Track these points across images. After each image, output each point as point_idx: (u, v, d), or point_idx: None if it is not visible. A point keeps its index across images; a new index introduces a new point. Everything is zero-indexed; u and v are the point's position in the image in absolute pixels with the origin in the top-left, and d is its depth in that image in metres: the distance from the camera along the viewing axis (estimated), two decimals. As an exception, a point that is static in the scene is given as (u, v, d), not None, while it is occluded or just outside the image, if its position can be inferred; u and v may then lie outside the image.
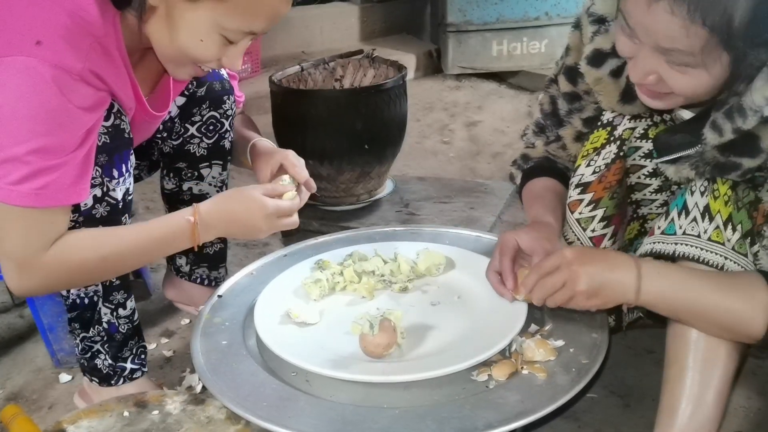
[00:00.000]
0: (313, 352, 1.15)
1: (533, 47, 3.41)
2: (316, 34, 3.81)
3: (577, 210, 1.21)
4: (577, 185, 1.20)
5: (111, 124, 1.13)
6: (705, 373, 1.04)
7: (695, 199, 1.05)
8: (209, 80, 1.43)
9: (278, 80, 1.87)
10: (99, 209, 1.15)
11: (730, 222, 1.03)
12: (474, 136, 2.88)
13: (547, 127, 1.33)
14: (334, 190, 1.86)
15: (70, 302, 1.25)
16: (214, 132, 1.46)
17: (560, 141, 1.32)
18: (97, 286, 1.24)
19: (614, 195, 1.20)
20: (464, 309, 1.26)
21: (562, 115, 1.29)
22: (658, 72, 0.97)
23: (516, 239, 1.20)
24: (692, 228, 1.04)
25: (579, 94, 1.24)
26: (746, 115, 0.95)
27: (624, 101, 1.15)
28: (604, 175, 1.18)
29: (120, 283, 1.25)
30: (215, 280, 1.62)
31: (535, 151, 1.37)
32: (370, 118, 1.77)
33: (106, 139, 1.12)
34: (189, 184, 1.52)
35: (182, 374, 1.46)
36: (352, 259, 1.39)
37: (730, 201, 1.03)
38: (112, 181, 1.15)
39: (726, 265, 1.02)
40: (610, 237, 1.23)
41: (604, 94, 1.16)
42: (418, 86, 3.49)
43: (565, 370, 1.08)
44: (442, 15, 3.45)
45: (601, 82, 1.14)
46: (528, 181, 1.37)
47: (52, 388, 1.47)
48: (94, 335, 1.28)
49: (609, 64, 1.13)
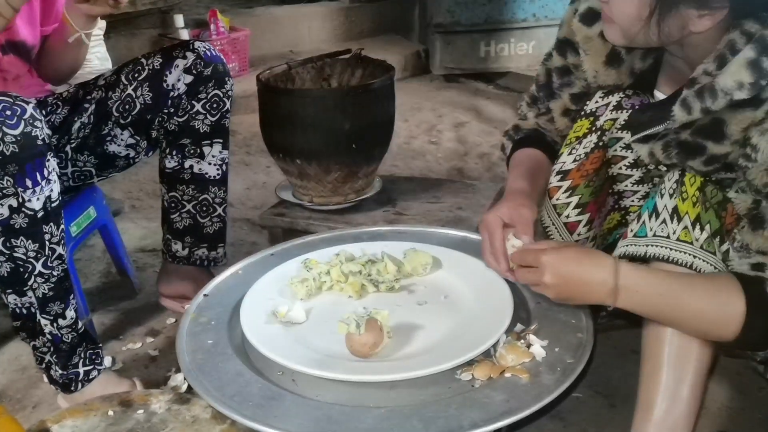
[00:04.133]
0: (300, 351, 1.15)
1: (521, 48, 3.43)
2: (304, 33, 3.81)
3: (555, 196, 1.24)
4: (558, 172, 1.23)
5: (20, 132, 1.13)
6: (679, 369, 1.06)
7: (664, 202, 1.07)
8: (214, 61, 1.49)
9: (265, 79, 1.86)
10: (17, 220, 1.17)
11: (698, 222, 1.05)
12: (461, 136, 2.89)
13: (539, 99, 1.37)
14: (322, 190, 1.86)
15: (11, 311, 1.27)
16: (217, 110, 1.52)
17: (550, 113, 1.35)
18: (31, 297, 1.24)
19: (590, 183, 1.22)
20: (451, 309, 1.27)
21: (555, 87, 1.32)
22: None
23: (499, 216, 1.22)
24: (662, 229, 1.06)
25: (569, 67, 1.28)
26: (717, 96, 0.98)
27: (609, 64, 1.18)
28: (582, 163, 1.20)
29: (54, 294, 1.26)
30: (214, 261, 1.65)
31: (527, 123, 1.40)
32: (357, 118, 1.77)
33: (14, 148, 1.13)
34: (191, 162, 1.55)
35: (168, 374, 1.45)
36: (339, 259, 1.39)
37: (698, 202, 1.05)
38: (26, 191, 1.16)
39: (695, 263, 1.04)
40: (585, 224, 1.25)
41: (591, 54, 1.19)
42: (406, 86, 3.50)
43: (551, 369, 1.08)
44: (431, 15, 3.45)
45: (591, 41, 1.18)
46: (516, 150, 1.39)
47: (37, 387, 1.46)
48: (41, 346, 1.30)
49: (600, 25, 1.16)
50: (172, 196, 1.59)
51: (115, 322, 1.69)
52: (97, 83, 1.53)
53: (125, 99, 1.49)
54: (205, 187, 1.58)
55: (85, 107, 1.50)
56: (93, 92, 1.51)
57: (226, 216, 1.64)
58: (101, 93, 1.51)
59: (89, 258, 1.99)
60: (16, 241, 1.19)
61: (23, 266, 1.21)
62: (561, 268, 1.07)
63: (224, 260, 1.66)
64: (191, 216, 1.60)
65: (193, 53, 1.49)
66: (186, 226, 1.61)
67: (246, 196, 2.39)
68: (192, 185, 1.57)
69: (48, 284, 1.24)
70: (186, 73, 1.48)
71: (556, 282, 1.07)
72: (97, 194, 1.69)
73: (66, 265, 1.27)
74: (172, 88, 1.48)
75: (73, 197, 1.59)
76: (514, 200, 1.24)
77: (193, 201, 1.59)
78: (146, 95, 1.48)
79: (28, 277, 1.22)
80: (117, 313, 1.72)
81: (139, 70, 1.49)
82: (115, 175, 1.62)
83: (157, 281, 1.70)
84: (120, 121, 1.50)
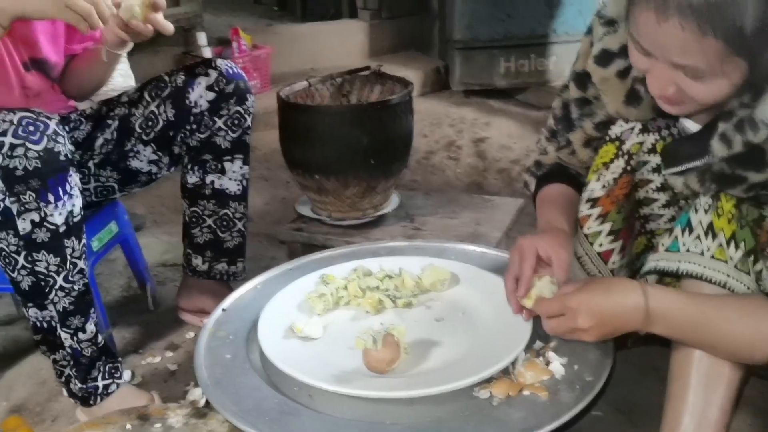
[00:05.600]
0: (316, 366, 1.15)
1: (540, 64, 3.42)
2: (324, 50, 3.84)
3: (586, 224, 1.21)
4: (587, 200, 1.21)
5: (43, 147, 1.15)
6: (709, 390, 1.04)
7: (699, 217, 1.05)
8: (236, 78, 1.52)
9: (286, 96, 1.88)
10: (39, 234, 1.19)
11: (734, 239, 1.02)
12: (481, 152, 2.88)
13: (558, 132, 1.34)
14: (340, 205, 1.86)
15: (32, 324, 1.28)
16: (238, 127, 1.54)
17: (570, 146, 1.32)
18: (52, 311, 1.26)
19: (621, 209, 1.20)
20: (469, 325, 1.26)
21: (574, 118, 1.29)
22: (676, 83, 0.98)
23: (535, 246, 1.20)
24: (696, 245, 1.04)
25: (589, 99, 1.25)
26: (758, 129, 0.95)
27: (628, 103, 1.15)
28: (611, 189, 1.18)
29: (75, 308, 1.27)
30: (233, 275, 1.66)
31: (548, 158, 1.38)
32: (376, 134, 1.78)
33: (37, 163, 1.14)
34: (212, 177, 1.57)
35: (186, 388, 1.46)
36: (357, 274, 1.39)
37: (733, 219, 1.03)
38: (49, 205, 1.18)
39: (728, 283, 1.02)
40: (619, 251, 1.22)
41: (610, 95, 1.16)
42: (426, 102, 3.50)
43: (570, 387, 1.07)
44: (450, 32, 3.47)
45: (607, 82, 1.15)
46: (541, 187, 1.37)
47: (56, 400, 1.48)
48: (61, 359, 1.31)
49: (616, 65, 1.13)
50: (193, 211, 1.61)
51: (135, 335, 1.70)
52: (121, 100, 1.55)
53: (148, 115, 1.51)
54: (226, 202, 1.59)
55: (108, 123, 1.52)
56: (116, 109, 1.54)
57: (245, 231, 1.65)
58: (124, 109, 1.53)
59: (110, 272, 2.01)
60: (38, 255, 1.20)
61: (44, 280, 1.23)
62: (591, 305, 1.04)
63: (243, 274, 1.67)
64: (212, 231, 1.62)
65: (215, 71, 1.51)
66: (206, 240, 1.62)
67: (265, 211, 2.41)
68: (213, 200, 1.59)
69: (69, 298, 1.26)
70: (208, 90, 1.50)
71: (591, 323, 1.04)
72: (119, 209, 1.71)
73: (87, 279, 1.29)
74: (195, 104, 1.50)
75: (95, 212, 1.61)
76: (553, 237, 1.22)
77: (213, 216, 1.60)
78: (169, 112, 1.50)
79: (49, 290, 1.24)
80: (137, 327, 1.74)
81: (162, 87, 1.52)
82: (137, 190, 1.64)
83: (177, 295, 1.71)
84: (143, 138, 1.52)
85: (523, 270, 1.20)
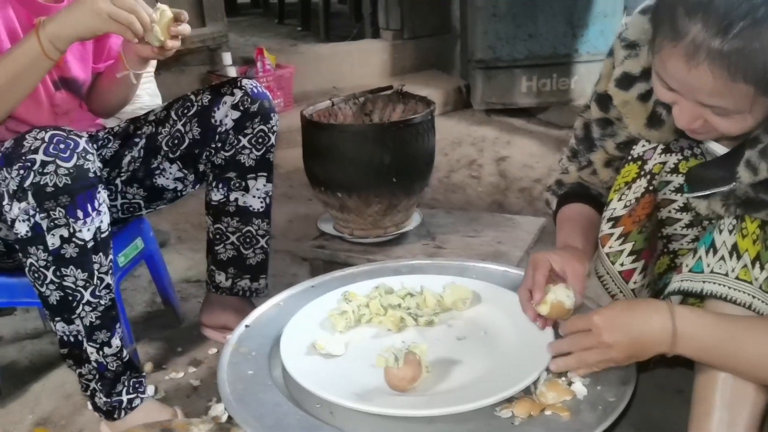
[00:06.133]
0: (338, 383, 1.15)
1: (563, 83, 3.43)
2: (347, 70, 3.88)
3: (608, 244, 1.21)
4: (608, 219, 1.20)
5: (73, 164, 1.18)
6: (733, 412, 1.03)
7: (723, 237, 1.05)
8: (260, 98, 1.54)
9: (309, 114, 1.90)
10: (68, 249, 1.21)
11: (758, 260, 1.02)
12: (503, 170, 2.89)
13: (579, 152, 1.35)
14: (362, 223, 1.87)
15: (59, 338, 1.30)
16: (263, 145, 1.57)
17: (591, 166, 1.33)
18: (79, 326, 1.28)
19: (643, 229, 1.19)
20: (490, 344, 1.26)
21: (595, 138, 1.30)
22: (703, 117, 0.98)
23: (549, 259, 1.21)
24: (720, 266, 1.03)
25: (611, 120, 1.26)
26: None
27: (650, 126, 1.15)
28: (633, 209, 1.18)
29: (101, 323, 1.29)
30: (256, 291, 1.68)
31: (569, 177, 1.39)
32: (398, 152, 1.79)
33: (67, 180, 1.17)
34: (236, 195, 1.60)
35: (208, 403, 1.47)
36: (379, 292, 1.39)
37: (758, 239, 1.02)
38: (77, 222, 1.20)
39: (754, 304, 1.01)
40: (641, 271, 1.22)
41: (631, 118, 1.17)
42: (448, 121, 3.52)
43: (592, 407, 1.07)
44: (472, 52, 3.49)
45: (629, 105, 1.15)
46: (562, 206, 1.38)
47: (81, 414, 1.49)
48: (87, 373, 1.33)
49: (637, 88, 1.14)
50: (217, 228, 1.63)
51: (159, 351, 1.72)
52: (148, 118, 1.58)
53: (174, 134, 1.54)
54: (249, 220, 1.61)
55: (135, 141, 1.55)
56: (143, 127, 1.57)
57: (268, 248, 1.67)
58: (151, 128, 1.56)
59: (135, 288, 2.04)
60: (66, 270, 1.23)
61: (72, 295, 1.25)
62: (617, 322, 1.04)
63: (266, 291, 1.68)
64: (235, 248, 1.63)
65: (240, 90, 1.53)
66: (230, 257, 1.64)
67: (288, 228, 2.43)
68: (236, 217, 1.61)
69: (95, 313, 1.28)
70: (233, 110, 1.53)
71: (616, 338, 1.03)
72: (145, 226, 1.73)
73: (113, 294, 1.31)
74: (220, 123, 1.53)
75: (122, 228, 1.64)
76: (567, 252, 1.23)
77: (237, 233, 1.62)
78: (195, 130, 1.53)
79: (76, 305, 1.26)
80: (160, 343, 1.75)
81: (188, 106, 1.55)
82: (163, 207, 1.66)
83: (200, 312, 1.73)
84: (169, 156, 1.54)
85: (536, 279, 1.20)
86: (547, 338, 1.19)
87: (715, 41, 0.87)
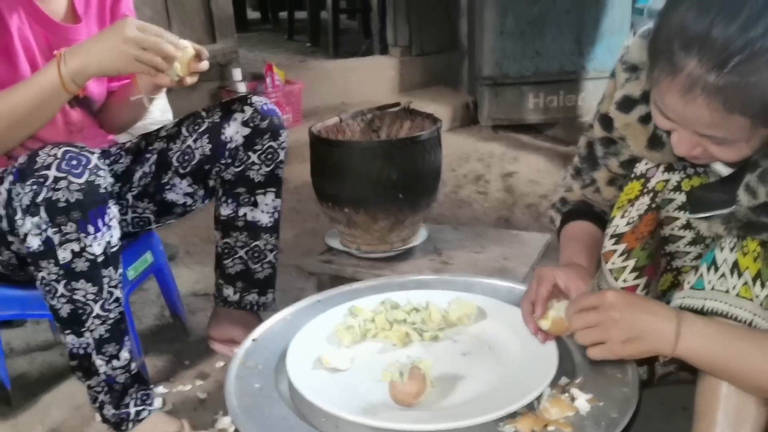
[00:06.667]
0: (344, 398, 1.16)
1: (570, 100, 3.45)
2: (355, 86, 3.91)
3: (611, 260, 1.22)
4: (611, 236, 1.22)
5: (85, 180, 1.20)
6: (736, 429, 1.03)
7: (725, 255, 1.06)
8: (270, 115, 1.56)
9: (317, 131, 1.92)
10: (78, 263, 1.23)
11: (759, 278, 1.02)
12: (509, 186, 2.90)
13: (583, 170, 1.36)
14: (369, 238, 1.89)
15: (68, 351, 1.32)
16: (272, 161, 1.59)
17: (594, 185, 1.34)
18: (88, 338, 1.29)
19: (646, 246, 1.21)
20: (495, 360, 1.27)
21: (599, 157, 1.31)
22: (701, 146, 0.99)
23: (554, 274, 1.22)
24: (721, 284, 1.04)
25: (614, 139, 1.27)
26: None
27: (651, 147, 1.17)
28: (636, 226, 1.19)
29: (110, 336, 1.31)
30: (263, 305, 1.69)
31: (573, 195, 1.40)
32: (404, 168, 1.81)
33: (79, 195, 1.19)
34: (245, 210, 1.62)
35: (215, 416, 1.48)
36: (384, 307, 1.40)
37: (759, 257, 1.03)
38: (88, 236, 1.22)
39: (755, 321, 1.02)
40: (643, 288, 1.23)
41: (633, 139, 1.18)
42: (455, 137, 3.54)
43: (595, 423, 1.07)
44: (479, 68, 3.51)
45: (630, 127, 1.17)
46: (566, 224, 1.39)
47: (89, 425, 1.51)
48: (95, 385, 1.34)
49: (638, 110, 1.15)
50: (226, 243, 1.65)
51: (167, 364, 1.74)
52: (159, 134, 1.61)
53: (185, 150, 1.56)
54: (258, 234, 1.63)
55: (146, 157, 1.58)
56: (155, 143, 1.59)
57: (276, 262, 1.68)
58: (162, 144, 1.58)
59: (144, 301, 2.06)
60: (77, 283, 1.25)
61: (82, 308, 1.27)
62: (628, 301, 1.05)
63: (273, 305, 1.70)
64: (243, 262, 1.65)
65: (250, 107, 1.56)
66: (238, 271, 1.66)
67: (295, 243, 2.44)
68: (245, 232, 1.63)
69: (105, 326, 1.30)
70: (243, 126, 1.55)
71: (623, 316, 1.03)
72: (154, 240, 1.75)
73: (122, 307, 1.33)
74: (230, 140, 1.55)
75: (131, 242, 1.66)
76: (572, 270, 1.24)
77: (245, 247, 1.64)
78: (205, 146, 1.56)
79: (86, 318, 1.28)
80: (168, 356, 1.77)
81: (199, 122, 1.57)
82: (172, 221, 1.68)
83: (208, 325, 1.74)
84: (179, 171, 1.57)
85: (539, 292, 1.21)
86: (551, 355, 1.20)
87: (711, 76, 0.88)
